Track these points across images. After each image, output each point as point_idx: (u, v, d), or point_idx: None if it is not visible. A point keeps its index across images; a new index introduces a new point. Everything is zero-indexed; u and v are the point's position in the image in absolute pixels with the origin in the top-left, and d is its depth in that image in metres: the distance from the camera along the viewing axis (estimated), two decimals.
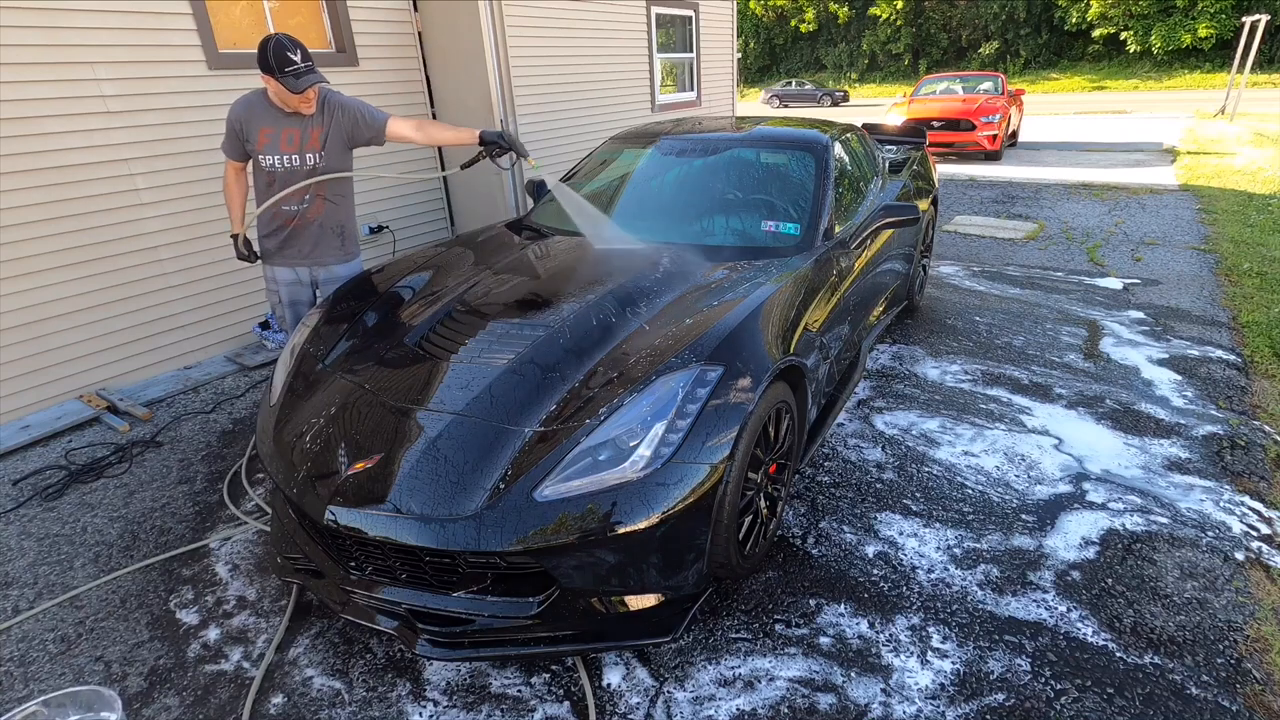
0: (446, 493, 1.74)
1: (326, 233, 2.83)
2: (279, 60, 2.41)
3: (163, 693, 1.90)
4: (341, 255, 2.91)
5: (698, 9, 8.64)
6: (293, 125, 2.61)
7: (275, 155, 2.62)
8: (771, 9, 36.63)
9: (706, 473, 1.80)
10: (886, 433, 3.03)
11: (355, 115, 2.71)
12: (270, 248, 2.84)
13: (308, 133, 2.64)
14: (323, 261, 2.87)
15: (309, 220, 2.77)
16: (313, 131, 2.64)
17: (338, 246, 2.88)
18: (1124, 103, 21.20)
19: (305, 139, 2.64)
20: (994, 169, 10.10)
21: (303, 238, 2.80)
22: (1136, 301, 4.56)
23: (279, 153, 2.62)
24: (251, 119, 2.59)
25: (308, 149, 2.66)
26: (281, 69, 2.42)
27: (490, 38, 4.78)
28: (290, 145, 2.63)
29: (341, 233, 2.88)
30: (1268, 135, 11.73)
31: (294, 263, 2.84)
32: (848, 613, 2.07)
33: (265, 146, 2.61)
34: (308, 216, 2.77)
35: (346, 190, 2.87)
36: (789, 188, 3.08)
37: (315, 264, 2.87)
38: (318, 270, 2.89)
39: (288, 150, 2.63)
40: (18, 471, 3.07)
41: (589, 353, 2.08)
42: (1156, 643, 1.93)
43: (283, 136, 2.61)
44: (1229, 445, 2.87)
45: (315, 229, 2.80)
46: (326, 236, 2.83)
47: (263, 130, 2.59)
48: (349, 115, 2.70)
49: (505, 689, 1.87)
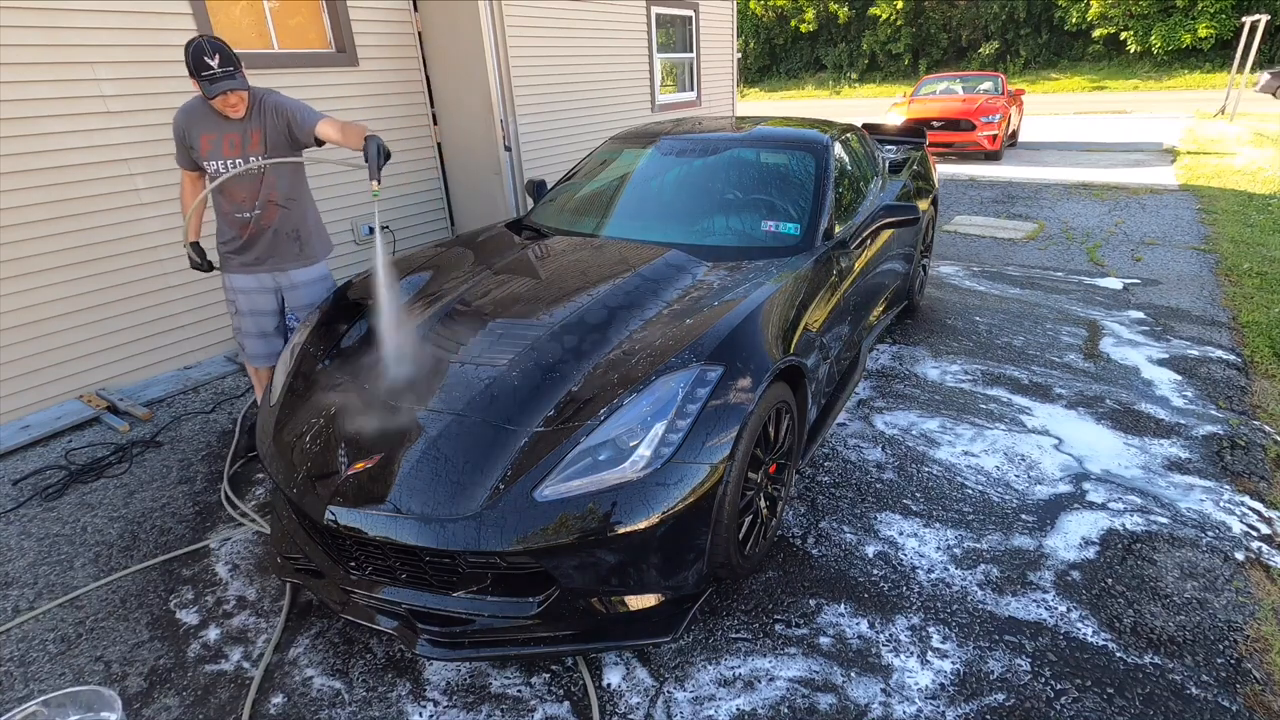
0: (446, 493, 1.74)
1: (282, 238, 2.77)
2: (195, 64, 2.35)
3: (163, 693, 1.90)
4: (301, 260, 2.84)
5: (698, 9, 8.64)
6: (233, 129, 2.56)
7: (219, 160, 2.57)
8: (771, 9, 36.63)
9: (706, 473, 1.80)
10: (886, 433, 3.03)
11: (289, 116, 2.64)
12: (228, 255, 2.79)
13: (248, 136, 2.58)
14: (282, 267, 2.80)
15: (264, 226, 2.72)
16: (252, 134, 2.58)
17: (296, 251, 2.81)
18: (1124, 103, 21.20)
19: (246, 142, 2.58)
20: (994, 169, 10.10)
21: (259, 244, 2.74)
22: (1136, 301, 4.56)
23: (222, 158, 2.57)
24: (192, 125, 2.55)
25: (250, 152, 2.60)
26: (198, 72, 2.36)
27: (490, 38, 4.78)
28: (233, 150, 2.57)
29: (299, 237, 2.80)
30: (1268, 135, 11.73)
31: (253, 269, 2.78)
32: (848, 613, 2.07)
33: (209, 152, 2.56)
34: (262, 223, 2.71)
35: (299, 194, 2.80)
36: (789, 188, 3.07)
37: (275, 269, 2.80)
38: (279, 276, 2.82)
39: (230, 155, 2.57)
40: (18, 471, 3.07)
41: (589, 353, 2.08)
42: (1156, 643, 1.93)
43: (224, 142, 2.56)
44: (1229, 445, 2.87)
45: (270, 235, 2.74)
46: (283, 242, 2.77)
47: (204, 136, 2.55)
48: (283, 116, 2.63)
49: (505, 689, 1.87)
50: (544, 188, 3.65)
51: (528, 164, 5.92)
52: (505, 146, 5.08)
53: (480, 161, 5.21)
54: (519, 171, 5.22)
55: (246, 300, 2.83)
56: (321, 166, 4.36)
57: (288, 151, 2.67)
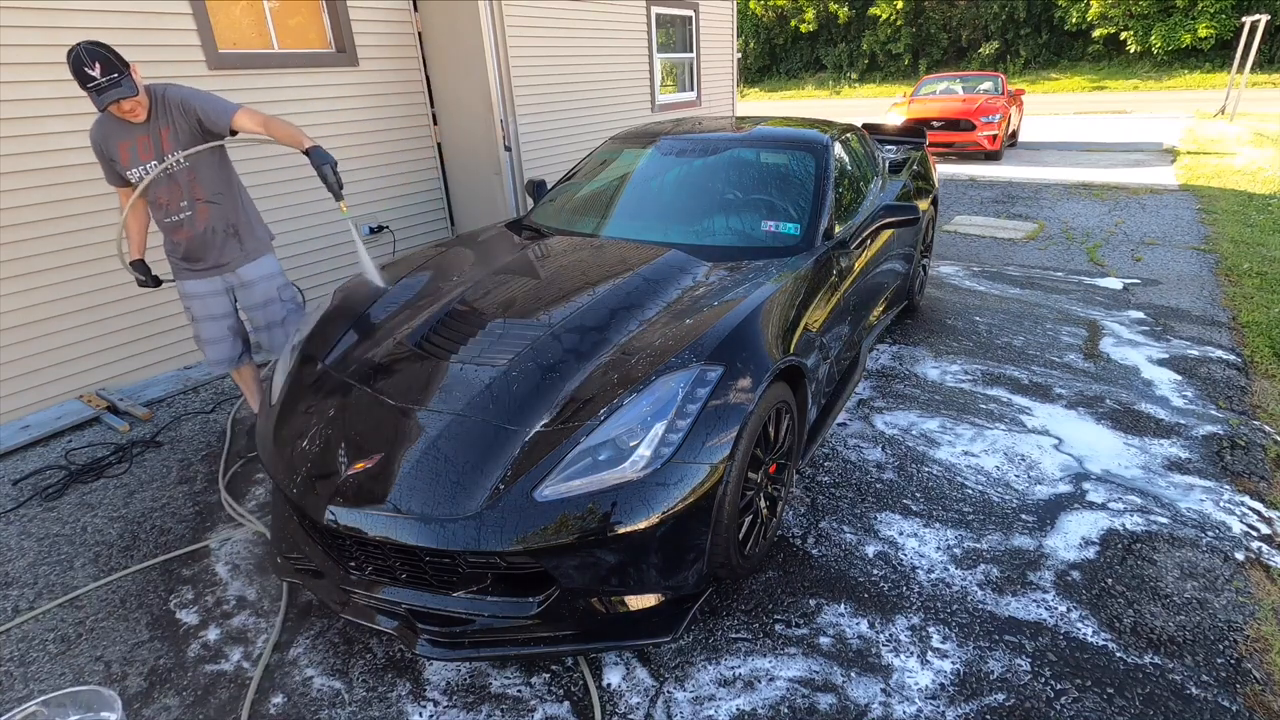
0: (446, 493, 1.74)
1: (219, 236, 2.72)
2: (77, 76, 2.27)
3: (163, 693, 1.90)
4: (243, 255, 2.81)
5: (698, 9, 8.64)
6: (143, 132, 2.49)
7: (139, 167, 2.51)
8: (771, 9, 36.61)
9: (706, 473, 1.80)
10: (886, 433, 3.03)
11: (198, 111, 2.53)
12: (175, 262, 2.77)
13: (157, 135, 2.50)
14: (228, 266, 2.78)
15: (198, 228, 2.67)
16: (161, 132, 2.51)
17: (237, 248, 2.78)
18: (1124, 103, 21.19)
19: (157, 143, 2.51)
20: (994, 169, 10.10)
21: (198, 246, 2.70)
22: (1136, 301, 4.56)
23: (140, 164, 2.51)
24: (108, 137, 2.48)
25: (164, 152, 2.54)
26: (83, 85, 2.28)
27: (490, 38, 4.78)
28: (148, 153, 2.51)
29: (236, 233, 2.77)
30: (1268, 135, 11.72)
31: (201, 274, 2.76)
32: (848, 613, 2.07)
33: (129, 160, 2.50)
34: (196, 225, 2.66)
35: (225, 188, 2.72)
36: (789, 188, 3.07)
37: (222, 270, 2.78)
38: (229, 276, 2.81)
39: (147, 159, 2.51)
40: (18, 471, 3.07)
41: (589, 353, 2.07)
42: (1156, 643, 1.93)
43: (138, 146, 2.49)
44: (1229, 445, 2.87)
45: (207, 235, 2.69)
46: (220, 239, 2.73)
47: (120, 145, 2.48)
48: (190, 112, 2.53)
49: (505, 689, 1.87)
50: (544, 188, 3.65)
51: (528, 164, 5.92)
52: (505, 146, 5.08)
53: (480, 161, 5.21)
54: (519, 171, 5.22)
55: (200, 305, 2.80)
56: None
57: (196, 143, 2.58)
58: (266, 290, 2.88)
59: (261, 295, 2.86)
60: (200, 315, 2.83)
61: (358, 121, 4.81)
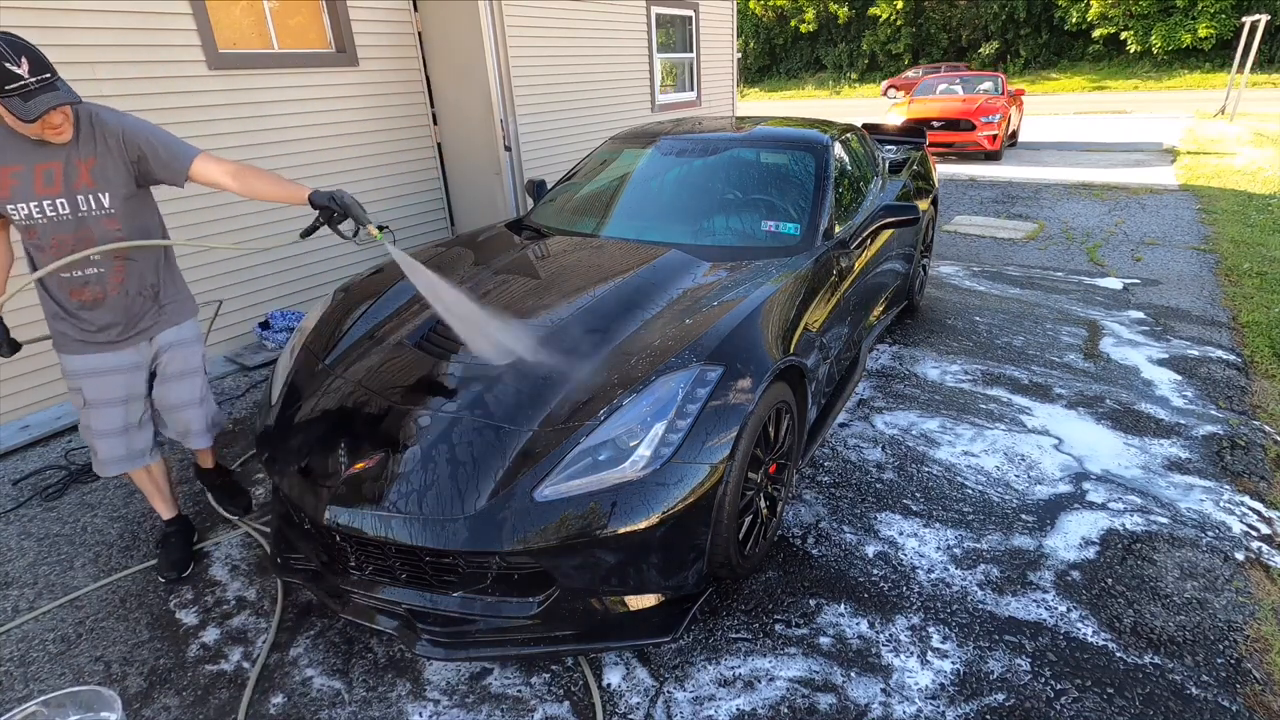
0: (446, 493, 1.74)
1: (136, 300, 2.08)
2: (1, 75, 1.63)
3: (162, 693, 1.90)
4: (163, 319, 2.15)
5: (698, 9, 8.64)
6: (49, 158, 1.83)
7: (30, 203, 1.82)
8: (771, 9, 36.63)
9: (706, 473, 1.80)
10: (887, 433, 3.03)
11: (141, 143, 1.95)
12: (65, 331, 2.03)
13: (72, 166, 1.85)
14: (145, 334, 2.13)
15: (109, 291, 2.00)
16: (79, 165, 1.86)
17: (154, 312, 2.13)
18: (1124, 103, 21.20)
19: (70, 175, 1.85)
20: (994, 169, 10.10)
21: (107, 312, 2.03)
22: (1136, 301, 4.56)
23: (35, 198, 1.82)
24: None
25: (77, 189, 1.87)
26: (3, 86, 1.64)
27: (490, 38, 4.78)
28: (50, 186, 1.84)
29: (156, 295, 2.13)
30: (1268, 135, 11.72)
31: (105, 346, 2.06)
32: (848, 613, 2.07)
33: (15, 191, 1.80)
34: (108, 286, 1.99)
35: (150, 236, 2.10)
36: (789, 188, 3.07)
37: (136, 339, 2.11)
38: (144, 346, 2.14)
39: (47, 193, 1.83)
40: (18, 471, 3.07)
41: (589, 353, 2.07)
42: (1156, 643, 1.93)
43: (37, 176, 1.82)
44: (1229, 445, 2.87)
45: (122, 299, 2.04)
46: (138, 304, 2.09)
47: (6, 170, 1.79)
48: (131, 142, 1.93)
49: (505, 689, 1.87)
50: (544, 188, 3.65)
51: (528, 164, 5.92)
52: (505, 146, 5.08)
53: (480, 161, 5.21)
54: (519, 171, 5.22)
55: (97, 386, 2.08)
56: None
57: (129, 186, 1.97)
58: (188, 359, 2.22)
59: (179, 365, 2.20)
60: (96, 399, 2.09)
61: (358, 122, 4.81)
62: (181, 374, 2.22)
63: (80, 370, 2.07)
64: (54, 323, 2.05)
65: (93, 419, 2.12)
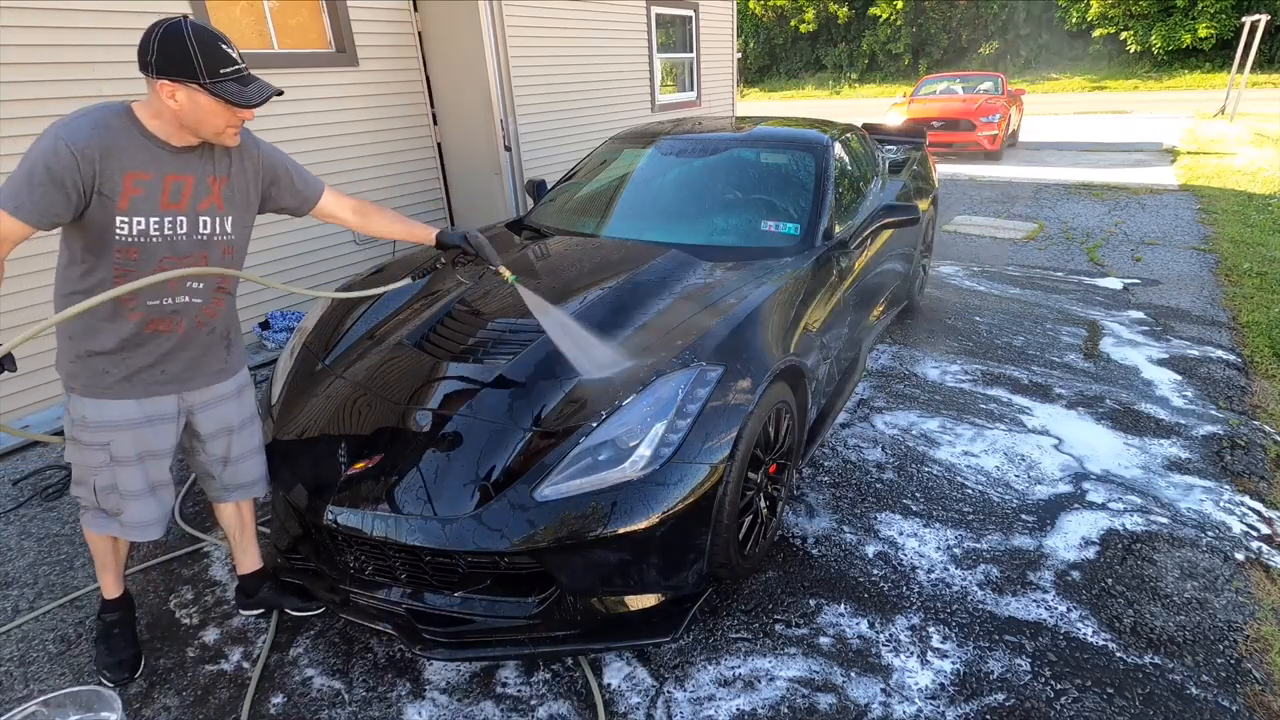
0: (447, 492, 1.74)
1: (216, 340, 1.80)
2: (212, 56, 1.44)
3: (162, 693, 1.90)
4: (225, 370, 1.86)
5: (698, 9, 8.64)
6: (182, 169, 1.58)
7: (151, 217, 1.55)
8: (771, 9, 36.62)
9: (706, 473, 1.80)
10: (887, 433, 3.03)
11: (278, 167, 1.79)
12: (106, 369, 1.65)
13: (204, 184, 1.62)
14: (201, 382, 1.80)
15: (198, 326, 1.72)
16: (211, 182, 1.63)
17: (223, 358, 1.85)
18: (1124, 103, 21.19)
19: (200, 192, 1.62)
20: (994, 169, 10.10)
21: (183, 353, 1.73)
22: (1136, 301, 4.56)
23: (157, 212, 1.56)
24: (112, 154, 1.47)
25: (202, 208, 1.62)
26: (215, 70, 1.45)
27: (490, 38, 4.78)
28: (176, 202, 1.58)
29: (228, 339, 1.86)
30: (1268, 135, 11.72)
31: (155, 390, 1.72)
32: (848, 613, 2.07)
33: (136, 203, 1.52)
34: (196, 319, 1.71)
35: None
36: (789, 188, 3.08)
37: (184, 388, 1.78)
38: (189, 395, 1.80)
39: (171, 208, 1.57)
40: (18, 471, 3.06)
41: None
42: (1156, 643, 1.93)
43: (165, 187, 1.56)
44: (1229, 445, 2.87)
45: (203, 337, 1.75)
46: (214, 347, 1.80)
47: (131, 175, 1.50)
48: (270, 166, 1.77)
49: (505, 689, 1.87)
50: (544, 188, 3.65)
51: (528, 164, 5.92)
52: (505, 146, 5.08)
53: (480, 161, 5.21)
54: (519, 171, 5.22)
55: (129, 441, 1.72)
56: None
57: (250, 213, 1.77)
58: (246, 404, 1.94)
59: (240, 413, 1.91)
60: (125, 456, 1.73)
61: (358, 122, 4.81)
62: (242, 422, 1.93)
63: (115, 420, 1.69)
64: (90, 360, 1.65)
65: (121, 478, 1.75)
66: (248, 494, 2.02)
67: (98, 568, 1.98)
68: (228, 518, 2.07)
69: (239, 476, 1.98)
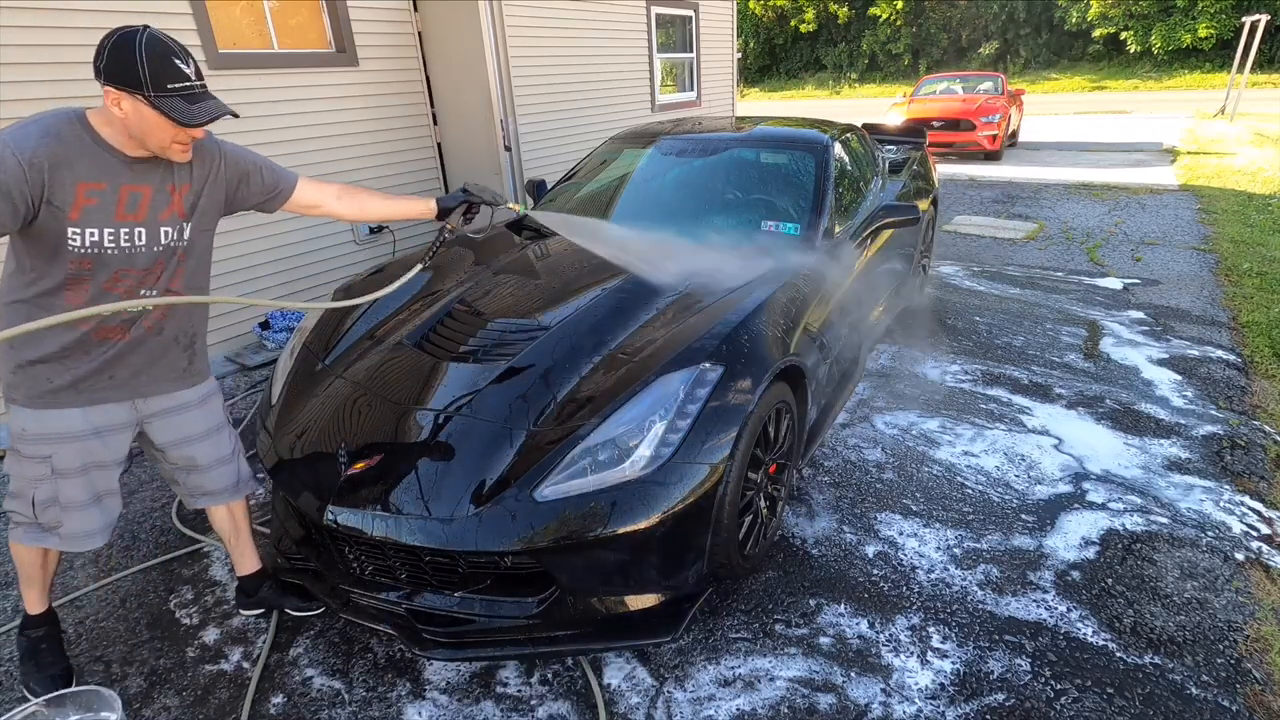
0: (447, 493, 1.74)
1: (172, 347, 1.72)
2: (160, 69, 1.43)
3: (162, 693, 1.90)
4: (186, 379, 1.78)
5: (698, 9, 8.64)
6: (139, 179, 1.52)
7: (105, 229, 1.49)
8: (771, 9, 36.62)
9: (707, 473, 1.80)
10: (887, 432, 3.03)
11: (245, 165, 1.73)
12: (49, 377, 1.59)
13: (163, 192, 1.56)
14: (156, 389, 1.73)
15: (148, 332, 1.65)
16: (172, 191, 1.57)
17: (184, 366, 1.77)
18: (1124, 103, 21.19)
19: (159, 203, 1.55)
20: (994, 169, 10.10)
21: (132, 358, 1.65)
22: (1136, 301, 4.56)
23: (111, 224, 1.49)
24: (63, 164, 1.44)
25: (164, 219, 1.56)
26: (162, 84, 1.42)
27: (490, 38, 4.78)
28: (133, 212, 1.52)
29: (192, 345, 1.78)
30: (1268, 135, 11.72)
31: (103, 397, 1.65)
32: (848, 613, 2.07)
33: (89, 214, 1.46)
34: (145, 325, 1.64)
35: (204, 281, 1.78)
36: (789, 188, 3.08)
37: (137, 394, 1.71)
38: (142, 403, 1.73)
39: (128, 219, 1.51)
40: None
41: (589, 352, 2.08)
42: (1156, 643, 1.93)
43: (121, 198, 1.50)
44: (1229, 445, 2.87)
45: (155, 343, 1.68)
46: (170, 353, 1.73)
47: (84, 185, 1.45)
48: (236, 166, 1.71)
49: (505, 689, 1.87)
50: (544, 188, 3.65)
51: (528, 164, 5.92)
52: (505, 146, 5.08)
53: (480, 161, 5.21)
54: (519, 171, 5.22)
55: (73, 452, 1.65)
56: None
57: (214, 222, 1.72)
58: (212, 413, 1.87)
59: (204, 422, 1.84)
60: (68, 468, 1.66)
61: (358, 122, 4.80)
62: (209, 430, 1.87)
63: (59, 431, 1.61)
64: (31, 369, 1.57)
65: (61, 491, 1.66)
66: (216, 501, 1.98)
67: (23, 582, 1.85)
68: (220, 521, 2.05)
69: (206, 485, 1.92)
